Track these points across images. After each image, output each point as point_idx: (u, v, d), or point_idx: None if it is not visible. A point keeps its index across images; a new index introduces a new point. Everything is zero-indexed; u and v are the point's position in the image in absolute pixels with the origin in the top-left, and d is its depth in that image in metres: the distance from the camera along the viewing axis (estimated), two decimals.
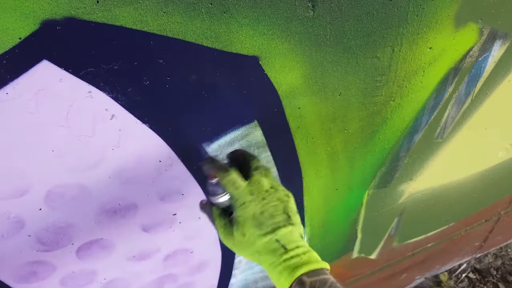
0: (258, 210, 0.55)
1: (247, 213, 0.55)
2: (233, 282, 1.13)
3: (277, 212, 0.55)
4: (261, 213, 0.55)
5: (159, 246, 0.85)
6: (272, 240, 0.54)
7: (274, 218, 0.55)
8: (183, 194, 0.76)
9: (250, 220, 0.55)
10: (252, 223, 0.54)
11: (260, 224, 0.54)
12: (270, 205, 0.55)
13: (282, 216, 0.55)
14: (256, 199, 0.55)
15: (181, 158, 0.68)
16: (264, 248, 0.54)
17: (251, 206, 0.55)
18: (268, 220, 0.54)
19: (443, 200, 1.41)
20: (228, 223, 0.59)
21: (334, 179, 0.96)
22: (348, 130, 0.84)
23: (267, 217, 0.54)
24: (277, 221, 0.54)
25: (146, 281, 0.93)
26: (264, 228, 0.54)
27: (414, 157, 1.06)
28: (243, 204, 0.55)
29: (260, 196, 0.55)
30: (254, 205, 0.55)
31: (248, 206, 0.55)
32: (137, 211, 0.73)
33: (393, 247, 1.57)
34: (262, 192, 0.56)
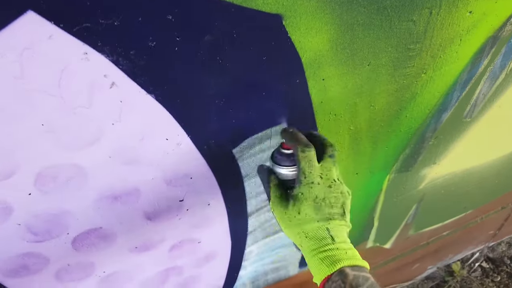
0: (322, 195, 0.55)
1: (311, 193, 0.55)
2: (242, 274, 1.07)
3: (337, 204, 0.56)
4: (323, 199, 0.55)
5: (164, 236, 0.78)
6: (324, 227, 0.54)
7: (332, 208, 0.55)
8: (191, 178, 0.69)
9: (310, 201, 0.55)
10: (312, 204, 0.55)
11: (318, 209, 0.55)
12: (332, 195, 0.56)
13: (339, 209, 0.56)
14: (323, 184, 0.56)
15: (190, 136, 0.61)
16: (313, 232, 0.55)
17: (316, 189, 0.55)
18: (327, 208, 0.55)
19: (464, 186, 1.35)
20: (284, 195, 0.59)
21: (355, 162, 0.89)
22: (374, 107, 0.77)
23: (327, 204, 0.55)
24: (334, 212, 0.55)
25: (149, 274, 0.86)
26: (320, 214, 0.55)
27: (440, 138, 0.99)
28: (310, 183, 0.55)
29: (327, 183, 0.56)
30: (320, 189, 0.55)
31: (314, 187, 0.55)
32: (140, 197, 0.66)
33: (409, 236, 1.51)
34: (331, 179, 0.57)
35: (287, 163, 0.60)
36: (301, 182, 0.56)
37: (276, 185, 0.61)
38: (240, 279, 1.08)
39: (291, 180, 0.61)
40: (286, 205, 0.57)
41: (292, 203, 0.56)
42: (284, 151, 0.61)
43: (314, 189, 0.55)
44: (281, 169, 0.61)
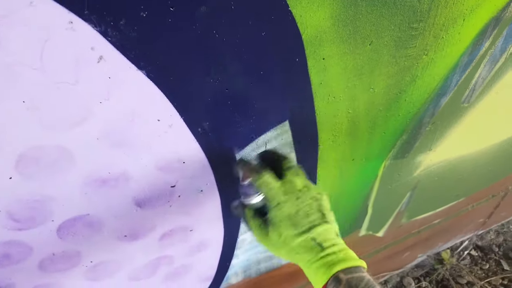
0: (293, 209, 0.56)
1: (282, 213, 0.56)
2: (234, 263, 1.05)
3: (312, 211, 0.56)
4: (296, 212, 0.56)
5: (154, 224, 0.75)
6: (308, 238, 0.55)
7: (309, 217, 0.56)
8: (184, 163, 0.66)
9: (285, 220, 0.56)
10: (288, 223, 0.56)
11: (295, 224, 0.55)
12: (304, 204, 0.56)
13: (317, 215, 0.56)
14: (291, 199, 0.57)
15: (183, 117, 0.58)
16: (301, 247, 0.55)
17: (286, 206, 0.56)
18: (304, 219, 0.55)
19: (458, 174, 1.35)
20: (262, 224, 0.60)
21: (352, 147, 0.88)
22: (374, 90, 0.75)
23: (302, 216, 0.56)
24: (312, 220, 0.56)
25: (138, 264, 0.83)
26: (300, 228, 0.55)
27: (437, 124, 0.98)
28: (278, 204, 0.57)
29: (294, 196, 0.57)
30: (289, 205, 0.56)
31: (283, 206, 0.56)
32: (129, 182, 0.63)
33: (401, 224, 1.51)
34: (296, 191, 0.57)
35: (253, 191, 0.62)
36: (270, 206, 0.58)
37: (252, 216, 0.63)
38: (232, 268, 1.06)
39: (263, 206, 0.63)
40: (267, 232, 0.59)
41: (271, 228, 0.58)
42: (245, 183, 0.63)
43: (283, 208, 0.56)
44: (250, 199, 0.63)
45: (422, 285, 2.11)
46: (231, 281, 1.13)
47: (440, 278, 2.17)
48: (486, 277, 2.15)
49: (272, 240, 0.58)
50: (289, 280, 1.31)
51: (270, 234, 0.58)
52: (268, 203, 0.58)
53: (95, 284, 0.81)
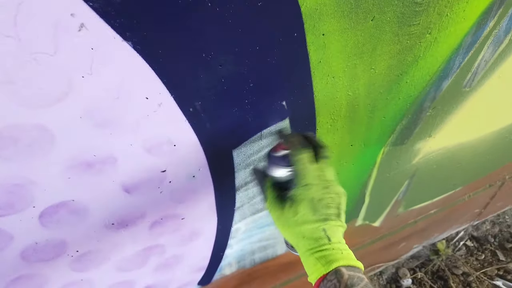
0: (318, 196, 0.56)
1: (308, 195, 0.56)
2: (228, 253, 1.02)
3: (333, 205, 0.57)
4: (319, 200, 0.56)
5: (144, 211, 0.72)
6: (320, 228, 0.55)
7: (328, 209, 0.56)
8: (175, 145, 0.63)
9: (308, 202, 0.56)
10: (309, 205, 0.56)
11: (315, 210, 0.56)
12: (329, 196, 0.57)
13: (335, 210, 0.57)
14: (320, 185, 0.57)
15: (173, 95, 0.55)
16: (310, 233, 0.55)
17: (313, 190, 0.56)
18: (323, 209, 0.56)
19: (456, 162, 1.33)
20: (280, 196, 0.61)
21: (351, 132, 0.85)
22: (375, 70, 0.72)
23: (324, 205, 0.56)
24: (330, 213, 0.56)
25: (128, 253, 0.80)
26: (317, 215, 0.55)
27: (438, 108, 0.96)
28: (307, 185, 0.56)
29: (323, 184, 0.57)
30: (316, 190, 0.56)
31: (310, 188, 0.56)
32: (116, 166, 0.60)
33: (398, 214, 1.50)
34: (326, 181, 0.58)
35: (283, 164, 0.61)
36: (298, 184, 0.57)
37: (272, 186, 0.63)
38: (226, 259, 1.04)
39: (286, 181, 0.62)
40: (283, 206, 0.58)
41: (289, 204, 0.58)
42: (280, 153, 0.62)
43: (311, 190, 0.56)
44: (277, 170, 0.62)
45: (418, 276, 2.11)
46: (224, 272, 1.11)
47: (435, 269, 2.17)
48: (481, 268, 2.15)
49: (285, 215, 0.58)
50: (284, 271, 1.29)
51: (287, 209, 0.58)
52: (299, 180, 0.57)
53: (81, 275, 0.78)
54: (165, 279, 0.97)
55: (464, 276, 2.11)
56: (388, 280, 2.13)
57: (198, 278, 1.07)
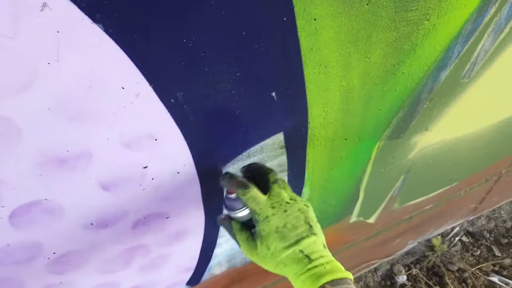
0: (281, 222, 0.57)
1: (270, 227, 0.58)
2: (218, 252, 0.99)
3: (299, 223, 0.58)
4: (284, 225, 0.57)
5: (125, 210, 0.68)
6: (297, 251, 0.56)
7: (297, 229, 0.57)
8: (156, 140, 0.59)
9: (273, 233, 0.57)
10: (276, 236, 0.57)
11: (284, 237, 0.57)
12: (292, 217, 0.58)
13: (304, 227, 0.58)
14: (278, 212, 0.58)
15: (152, 85, 0.51)
16: (289, 259, 0.56)
17: (273, 220, 0.58)
18: (292, 232, 0.57)
19: (453, 156, 1.30)
20: (250, 237, 0.62)
21: (345, 126, 0.81)
22: (370, 59, 0.68)
23: (290, 228, 0.57)
24: (300, 232, 0.57)
25: (110, 254, 0.76)
26: (288, 240, 0.57)
27: (435, 101, 0.93)
28: (265, 218, 0.58)
29: (281, 209, 0.59)
30: (277, 218, 0.58)
31: (271, 219, 0.58)
32: (92, 162, 0.56)
33: (393, 210, 1.47)
34: (283, 204, 0.59)
35: (239, 205, 0.63)
36: (258, 220, 0.59)
37: (239, 229, 0.64)
38: (215, 258, 1.00)
39: (251, 218, 0.64)
40: (255, 245, 0.60)
41: (259, 241, 0.59)
42: (231, 196, 0.63)
43: (271, 221, 0.58)
44: (237, 213, 0.64)
45: (413, 273, 2.10)
46: (214, 272, 1.07)
47: (430, 265, 2.16)
48: (477, 264, 2.14)
49: (260, 253, 0.59)
50: None
51: (259, 247, 0.59)
52: (256, 216, 0.59)
53: (60, 278, 0.74)
54: (151, 280, 0.93)
55: (459, 272, 2.10)
56: (382, 276, 2.11)
57: (187, 278, 1.03)
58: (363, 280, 2.06)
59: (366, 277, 2.08)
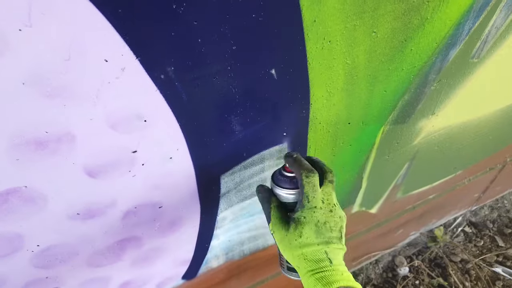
0: (323, 219, 0.58)
1: (313, 218, 0.58)
2: (215, 245, 0.95)
3: (336, 228, 0.59)
4: (324, 223, 0.58)
5: (114, 199, 0.64)
6: (322, 250, 0.58)
7: (331, 232, 0.59)
8: (145, 121, 0.55)
9: (312, 225, 0.58)
10: (314, 228, 0.58)
11: (319, 232, 0.58)
12: (333, 219, 0.59)
13: (338, 233, 0.60)
14: (325, 208, 0.59)
15: (140, 58, 0.46)
16: (312, 255, 0.57)
17: (318, 213, 0.58)
18: (327, 232, 0.58)
19: (458, 143, 1.26)
20: (285, 217, 0.62)
21: (348, 108, 0.77)
22: (377, 34, 0.64)
23: (328, 229, 0.59)
24: (333, 236, 0.59)
25: (99, 246, 0.72)
26: (320, 237, 0.58)
27: (443, 82, 0.88)
28: (313, 207, 0.58)
29: (328, 207, 0.60)
30: (321, 213, 0.59)
31: (316, 211, 0.58)
32: (75, 145, 0.51)
33: (396, 200, 1.44)
34: (331, 204, 0.60)
35: (288, 185, 0.63)
36: (304, 206, 0.59)
37: (277, 206, 0.64)
38: (212, 250, 0.96)
39: (290, 202, 0.64)
40: (287, 227, 0.60)
41: (294, 226, 0.59)
42: (286, 174, 0.63)
43: (316, 213, 0.58)
44: (283, 191, 0.63)
45: (415, 264, 2.07)
46: (211, 265, 1.03)
47: (433, 256, 2.13)
48: (480, 254, 2.11)
49: (289, 237, 0.59)
50: (276, 262, 1.22)
51: (291, 230, 0.59)
52: (305, 202, 0.59)
53: (46, 272, 0.70)
54: (145, 274, 0.89)
55: (462, 263, 2.08)
56: (384, 268, 2.09)
57: (182, 272, 0.99)
58: (364, 272, 2.04)
59: (367, 269, 2.05)
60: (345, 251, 0.61)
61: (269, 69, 0.58)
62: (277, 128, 0.72)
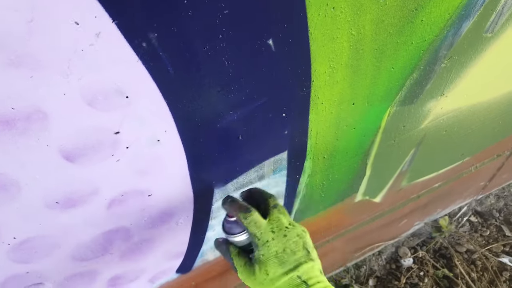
0: (281, 247, 0.59)
1: (270, 252, 0.59)
2: (210, 236, 0.90)
3: (298, 248, 0.59)
4: (283, 250, 0.59)
5: (97, 186, 0.59)
6: (295, 276, 0.57)
7: (295, 255, 0.59)
8: (127, 97, 0.49)
9: (273, 258, 0.58)
10: (275, 261, 0.58)
11: (283, 262, 0.58)
12: (291, 242, 0.60)
13: (302, 252, 0.59)
14: (278, 236, 0.60)
15: (117, 21, 0.41)
16: (287, 285, 0.57)
17: (273, 244, 0.59)
18: (290, 257, 0.58)
19: (467, 127, 1.21)
20: (248, 262, 0.62)
21: (353, 86, 0.72)
22: (385, 1, 0.58)
23: (289, 253, 0.59)
24: (298, 257, 0.59)
25: (84, 238, 0.68)
26: (287, 266, 0.58)
27: (454, 59, 0.83)
28: (266, 242, 0.59)
29: (281, 234, 0.60)
30: (276, 242, 0.59)
31: (270, 244, 0.59)
32: (48, 124, 0.46)
33: (401, 188, 1.39)
34: (282, 229, 0.61)
35: (238, 229, 0.64)
36: (257, 245, 0.60)
37: (237, 254, 0.64)
38: (207, 242, 0.92)
39: (248, 244, 0.65)
40: (253, 271, 0.60)
41: (258, 267, 0.59)
42: (231, 219, 0.65)
43: (271, 246, 0.59)
44: (235, 237, 0.64)
45: (419, 255, 2.03)
46: (207, 257, 0.99)
47: (437, 247, 2.09)
48: (486, 244, 2.08)
49: (258, 279, 0.59)
50: None
51: (257, 273, 0.59)
52: (256, 241, 0.60)
53: (26, 266, 0.65)
54: (136, 268, 0.85)
55: (468, 254, 2.04)
56: (387, 260, 2.05)
57: (177, 265, 0.95)
58: (367, 264, 2.00)
59: (370, 261, 2.01)
60: (319, 263, 0.61)
61: (266, 39, 0.53)
62: (276, 108, 0.66)
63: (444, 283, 1.94)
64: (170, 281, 0.98)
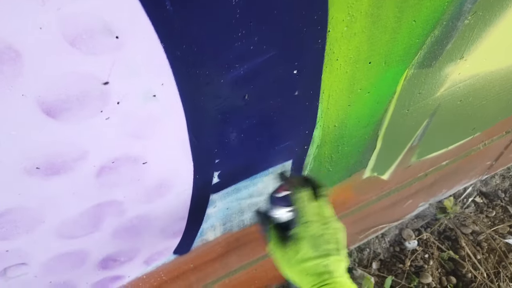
0: (319, 232, 0.61)
1: (308, 232, 0.61)
2: (211, 213, 0.84)
3: (333, 240, 0.61)
4: (320, 236, 0.61)
5: (84, 149, 0.52)
6: (322, 264, 0.59)
7: (328, 244, 0.61)
8: (117, 37, 0.42)
9: (308, 240, 0.60)
10: (310, 242, 0.60)
11: (316, 246, 0.60)
12: (329, 231, 0.62)
13: (335, 245, 0.61)
14: (319, 221, 0.62)
15: None
16: (313, 269, 0.60)
17: (313, 227, 0.61)
18: (324, 245, 0.60)
19: (482, 97, 1.16)
20: (282, 236, 0.65)
21: (371, 40, 0.65)
22: None
23: (324, 241, 0.61)
24: (330, 248, 0.61)
25: (70, 212, 0.61)
26: (318, 251, 0.60)
27: (479, 15, 0.77)
28: (306, 222, 0.61)
29: (323, 220, 0.62)
30: (316, 226, 0.61)
31: (311, 225, 0.61)
32: (22, 68, 0.39)
33: (410, 165, 1.34)
34: (325, 217, 0.63)
35: (284, 204, 0.67)
36: (299, 222, 0.62)
37: (274, 227, 0.68)
38: (208, 220, 0.85)
39: (288, 221, 0.67)
40: (285, 246, 0.63)
41: (291, 243, 0.62)
42: (281, 194, 0.68)
43: (311, 227, 0.61)
44: (279, 210, 0.68)
45: (424, 237, 1.99)
46: (207, 237, 0.93)
47: (442, 228, 2.05)
48: (492, 225, 2.04)
49: (288, 254, 0.62)
50: None
51: (289, 248, 0.62)
52: (298, 218, 0.62)
53: (5, 244, 0.58)
54: (129, 248, 0.78)
55: (473, 235, 2.00)
56: (391, 242, 2.01)
57: (174, 245, 0.89)
58: (370, 247, 1.95)
59: (373, 244, 1.97)
60: (347, 263, 0.63)
61: None
62: (286, 64, 0.60)
63: (450, 265, 1.90)
64: (167, 263, 0.92)
